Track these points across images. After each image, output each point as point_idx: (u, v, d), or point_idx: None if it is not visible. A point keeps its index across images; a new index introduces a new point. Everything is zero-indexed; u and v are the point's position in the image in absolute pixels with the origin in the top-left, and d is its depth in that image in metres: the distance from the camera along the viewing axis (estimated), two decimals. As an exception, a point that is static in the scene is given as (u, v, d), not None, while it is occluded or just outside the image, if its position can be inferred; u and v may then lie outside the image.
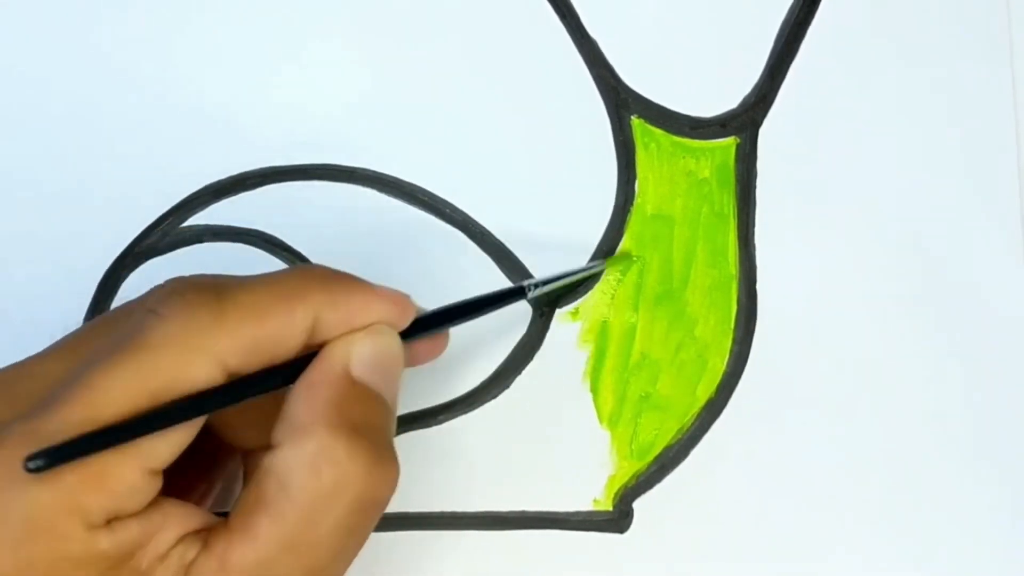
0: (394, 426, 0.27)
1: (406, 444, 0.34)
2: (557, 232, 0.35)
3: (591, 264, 0.34)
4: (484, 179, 0.35)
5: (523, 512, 0.34)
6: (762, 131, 0.35)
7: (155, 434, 0.24)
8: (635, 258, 0.34)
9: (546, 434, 0.34)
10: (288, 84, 0.35)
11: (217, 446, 0.28)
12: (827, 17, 0.35)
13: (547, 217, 0.35)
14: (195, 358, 0.24)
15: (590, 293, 0.35)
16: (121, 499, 0.24)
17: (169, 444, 0.24)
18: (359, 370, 0.26)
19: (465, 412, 0.34)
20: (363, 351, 0.26)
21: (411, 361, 0.29)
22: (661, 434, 0.34)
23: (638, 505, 0.34)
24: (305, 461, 0.24)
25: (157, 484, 0.24)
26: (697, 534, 0.34)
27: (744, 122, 0.35)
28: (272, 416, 0.26)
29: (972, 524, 0.34)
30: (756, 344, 0.34)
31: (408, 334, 0.28)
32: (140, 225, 0.35)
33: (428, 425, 0.34)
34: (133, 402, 0.23)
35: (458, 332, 0.34)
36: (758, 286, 0.35)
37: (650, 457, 0.34)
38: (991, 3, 0.35)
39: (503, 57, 0.35)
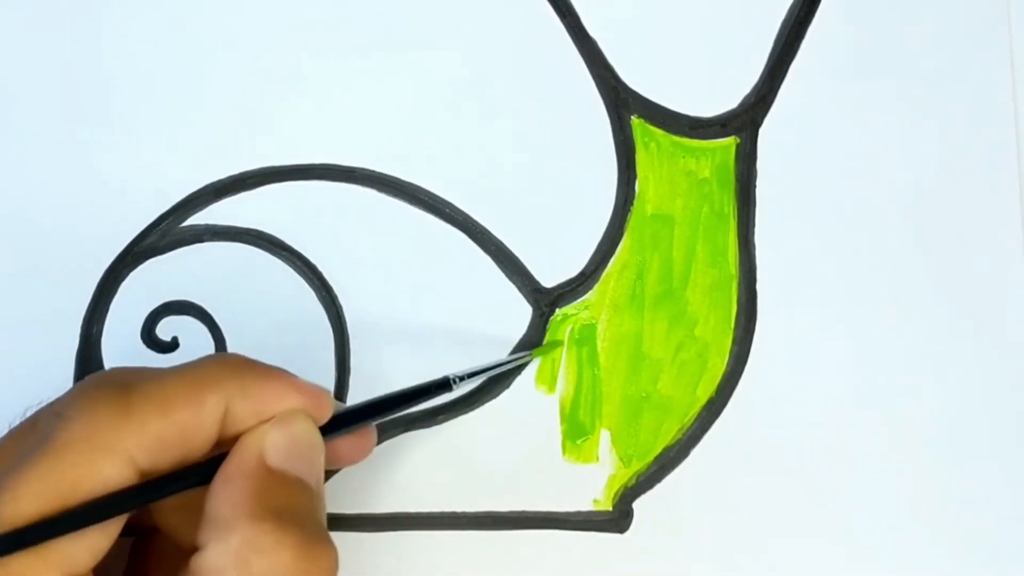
0: (323, 511, 0.26)
1: (406, 444, 0.34)
2: (557, 232, 0.35)
3: (519, 355, 0.34)
4: (484, 179, 0.35)
5: (523, 512, 0.34)
6: (762, 131, 0.35)
7: (69, 537, 0.23)
8: (561, 341, 0.34)
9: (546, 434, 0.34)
10: (288, 84, 0.35)
11: (168, 548, 0.28)
12: (827, 17, 0.35)
13: (547, 217, 0.35)
14: (101, 457, 0.24)
15: (590, 293, 0.35)
16: None
17: (87, 548, 0.24)
18: (275, 458, 0.26)
19: (465, 412, 0.34)
20: (277, 438, 0.26)
21: (335, 460, 0.29)
22: (661, 434, 0.34)
23: (638, 505, 0.34)
24: (231, 557, 0.24)
25: None
26: (697, 534, 0.34)
27: (744, 122, 0.35)
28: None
29: (973, 524, 0.34)
30: (756, 344, 0.34)
31: (328, 430, 0.27)
32: (140, 225, 0.35)
33: (428, 425, 0.34)
34: (42, 506, 0.23)
35: (458, 332, 0.34)
36: (758, 286, 0.35)
37: (650, 457, 0.34)
38: (991, 3, 0.35)
39: (503, 57, 0.35)
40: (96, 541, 0.24)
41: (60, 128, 0.35)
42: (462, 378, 0.31)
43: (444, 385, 0.30)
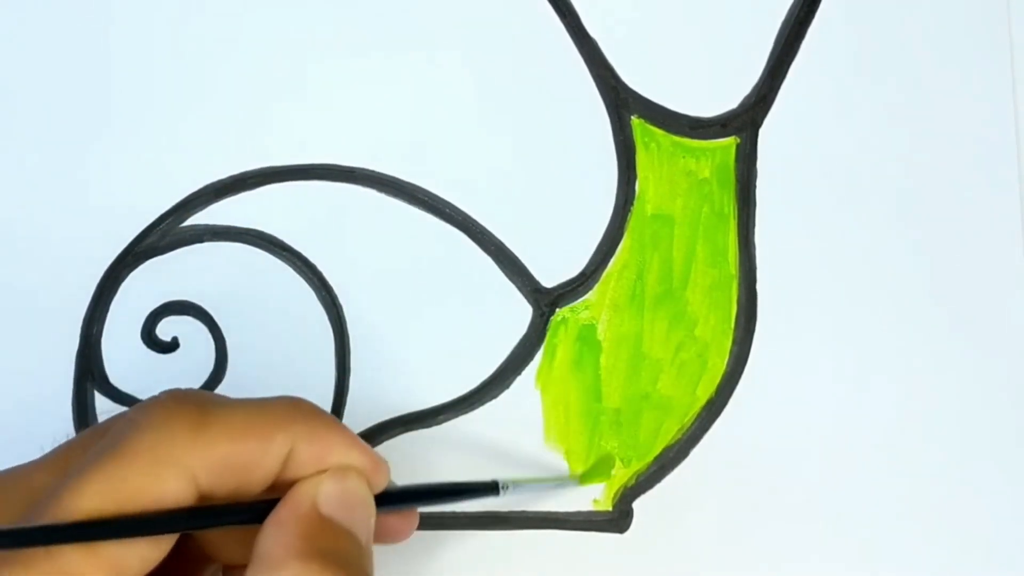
0: (370, 566, 0.27)
1: (406, 444, 0.34)
2: (557, 232, 0.35)
3: (568, 478, 0.34)
4: (484, 179, 0.35)
5: (523, 512, 0.34)
6: (762, 131, 0.35)
7: (122, 542, 0.24)
8: (613, 472, 0.34)
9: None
10: (288, 84, 0.35)
11: (201, 557, 0.28)
12: (827, 17, 0.35)
13: (547, 217, 0.35)
14: (165, 470, 0.24)
15: (590, 293, 0.35)
16: None
17: (139, 557, 0.24)
18: (327, 507, 0.26)
19: (465, 412, 0.34)
20: (331, 489, 0.26)
21: (380, 536, 0.29)
22: (661, 434, 0.34)
23: (638, 505, 0.34)
24: None
25: None
26: (697, 534, 0.34)
27: (744, 122, 0.35)
28: (252, 533, 0.26)
29: (973, 523, 0.34)
30: (756, 344, 0.34)
31: (381, 503, 0.28)
32: (140, 225, 0.35)
33: (428, 425, 0.34)
34: (101, 505, 0.24)
35: (458, 332, 0.34)
36: (758, 286, 0.35)
37: (650, 457, 0.34)
38: (991, 3, 0.35)
39: (503, 57, 0.35)
40: (148, 552, 0.25)
41: (60, 128, 0.35)
42: (508, 487, 0.31)
43: (492, 488, 0.31)
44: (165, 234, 0.35)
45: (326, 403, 0.34)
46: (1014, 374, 0.34)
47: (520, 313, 0.35)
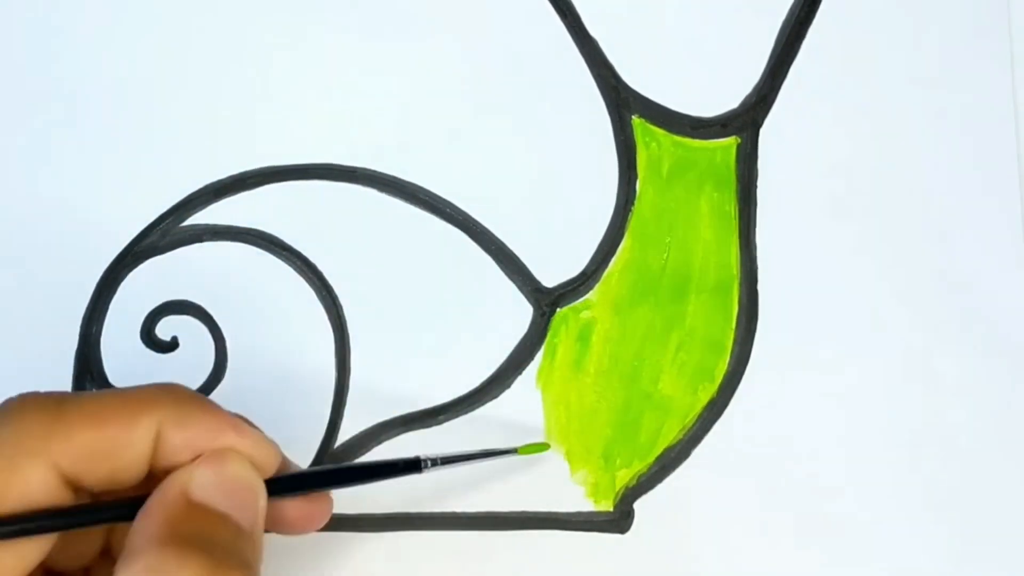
0: (252, 552, 0.26)
1: (406, 444, 0.34)
2: (558, 232, 0.35)
3: (499, 449, 0.32)
4: (485, 179, 0.35)
5: (523, 512, 0.34)
6: (763, 131, 0.35)
7: None
8: (546, 446, 0.33)
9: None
10: (288, 84, 0.35)
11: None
12: (827, 17, 0.35)
13: (548, 217, 0.35)
14: (24, 462, 0.24)
15: (591, 292, 0.34)
16: None
17: (17, 557, 0.24)
18: (200, 493, 0.25)
19: (465, 412, 0.34)
20: (205, 474, 0.26)
21: (285, 525, 0.28)
22: (662, 434, 0.34)
23: (639, 505, 0.34)
24: None
25: None
26: (698, 535, 0.34)
27: (745, 122, 0.35)
28: None
29: (974, 524, 0.34)
30: (757, 344, 0.34)
31: (280, 490, 0.27)
32: (140, 225, 0.35)
33: (428, 425, 0.34)
34: None
35: (458, 332, 0.34)
36: (759, 286, 0.35)
37: (651, 457, 0.34)
38: (991, 3, 0.35)
39: (504, 57, 0.35)
40: (26, 552, 0.24)
41: (60, 127, 0.35)
42: (435, 462, 0.30)
43: (414, 465, 0.29)
44: (165, 234, 0.35)
45: (326, 403, 0.34)
46: (1015, 374, 0.34)
47: (520, 313, 0.34)
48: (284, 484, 0.27)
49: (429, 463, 0.29)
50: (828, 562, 0.34)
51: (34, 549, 0.25)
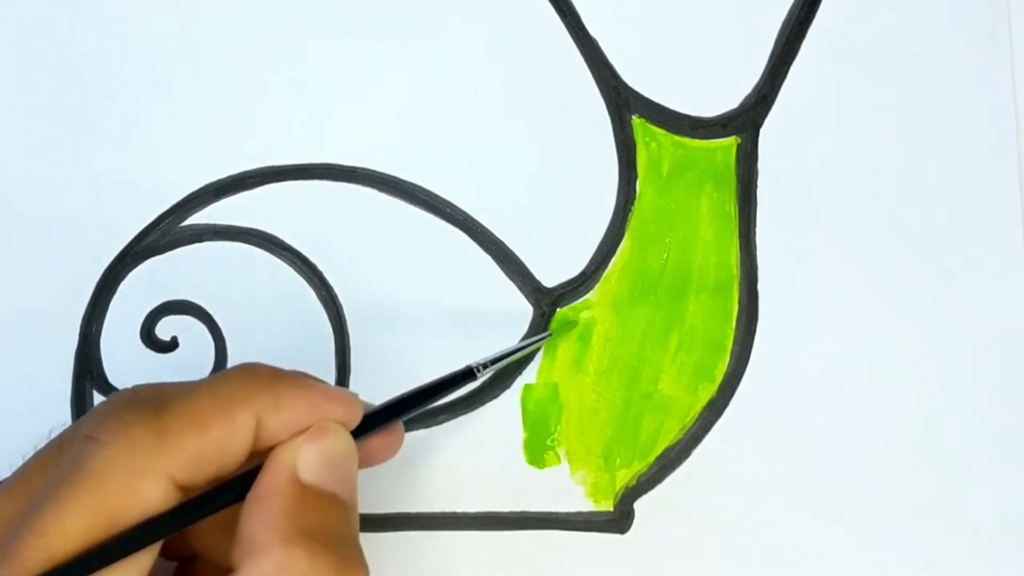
0: (356, 525, 0.26)
1: (407, 444, 0.34)
2: (558, 232, 0.35)
3: (539, 336, 0.33)
4: (485, 179, 0.35)
5: (523, 512, 0.34)
6: (763, 131, 0.35)
7: (116, 565, 0.23)
8: (579, 320, 0.34)
9: (547, 434, 0.34)
10: (289, 84, 0.35)
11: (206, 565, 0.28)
12: (827, 17, 0.35)
13: (548, 217, 0.35)
14: (142, 480, 0.24)
15: (591, 292, 0.34)
16: None
17: (132, 571, 0.24)
18: (308, 474, 0.25)
19: (465, 412, 0.34)
20: (310, 453, 0.26)
21: (366, 461, 0.28)
22: (662, 434, 0.34)
23: (639, 505, 0.34)
24: None
25: None
26: (698, 535, 0.34)
27: (745, 122, 0.35)
28: (233, 518, 0.25)
29: (974, 524, 0.34)
30: (757, 344, 0.34)
31: (359, 432, 0.27)
32: (140, 224, 0.35)
33: (428, 425, 0.34)
34: (88, 535, 0.23)
35: (458, 332, 0.34)
36: (759, 286, 0.35)
37: (651, 457, 0.34)
38: (991, 3, 0.35)
39: (504, 57, 0.35)
40: (140, 564, 0.24)
41: (60, 127, 0.35)
42: (485, 366, 0.31)
43: (468, 375, 0.31)
44: (165, 233, 0.35)
45: (326, 403, 0.34)
46: (1015, 373, 0.34)
47: (521, 313, 0.34)
48: (364, 426, 0.28)
49: (480, 368, 0.31)
50: (828, 561, 0.34)
51: (145, 560, 0.24)
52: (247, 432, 0.25)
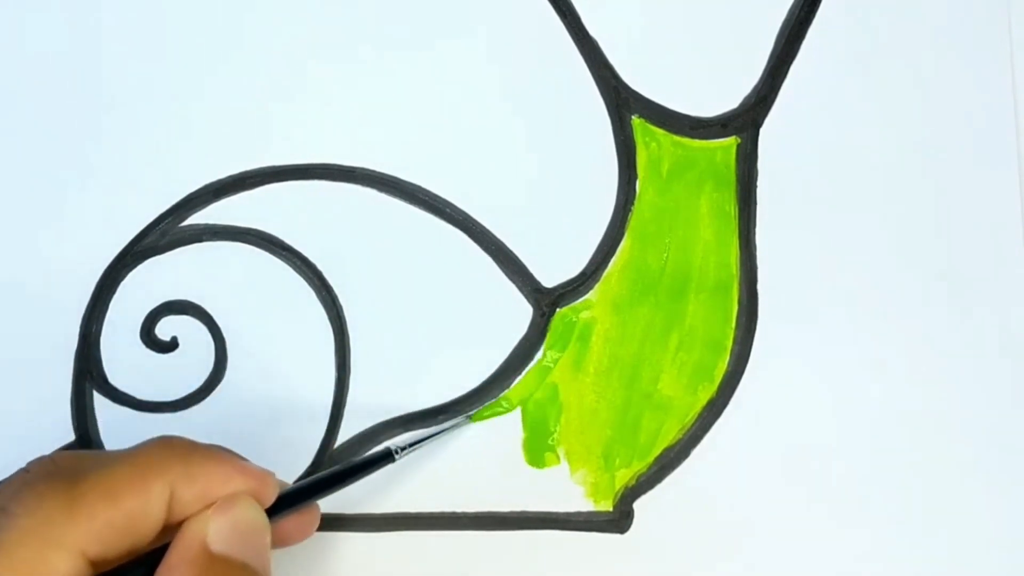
0: None
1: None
2: (558, 232, 0.35)
3: (457, 419, 0.34)
4: (485, 179, 0.35)
5: (523, 512, 0.34)
6: (763, 131, 0.35)
7: None
8: (505, 405, 0.34)
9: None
10: (289, 84, 0.35)
11: None
12: (827, 17, 0.35)
13: (548, 217, 0.35)
14: (52, 553, 0.24)
15: (591, 292, 0.34)
16: None
17: None
18: (218, 544, 0.26)
19: (465, 412, 0.34)
20: (220, 524, 0.26)
21: (280, 541, 0.29)
22: (662, 434, 0.34)
23: (639, 505, 0.34)
24: None
25: None
26: (698, 534, 0.34)
27: (745, 122, 0.35)
28: None
29: (974, 524, 0.34)
30: (757, 344, 0.34)
31: (275, 510, 0.28)
32: (139, 224, 0.35)
33: (428, 425, 0.34)
34: None
35: (458, 332, 0.34)
36: (759, 286, 0.35)
37: (651, 457, 0.34)
38: (991, 3, 0.35)
39: (504, 57, 0.35)
40: None
41: (60, 127, 0.35)
42: (403, 448, 0.31)
43: (387, 456, 0.31)
44: (164, 233, 0.35)
45: (326, 403, 0.34)
46: (1015, 373, 0.34)
47: (520, 313, 0.34)
48: (279, 505, 0.28)
49: (399, 451, 0.31)
50: (828, 561, 0.34)
51: None
52: (161, 503, 0.26)
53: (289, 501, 0.29)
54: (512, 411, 0.34)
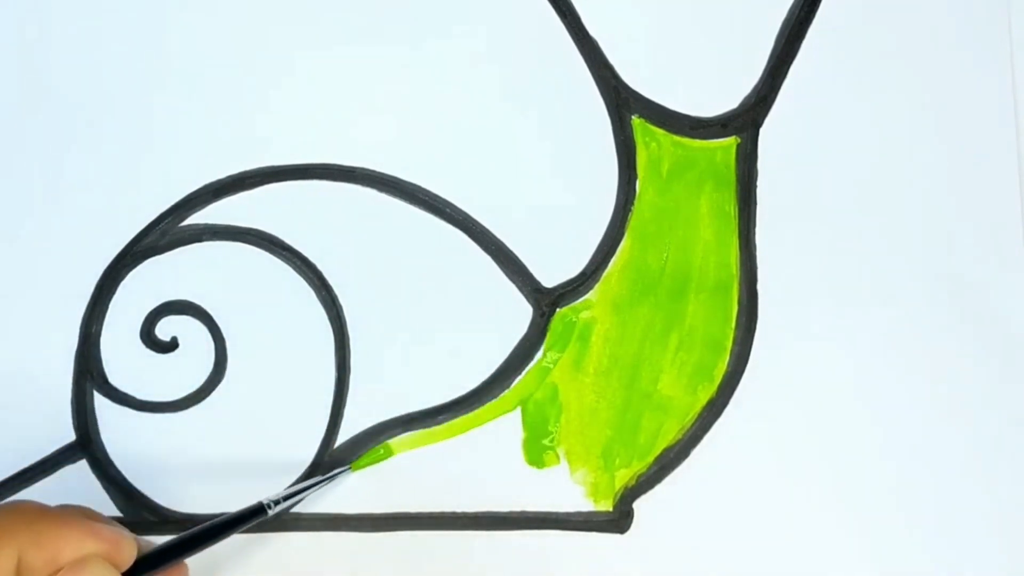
0: None
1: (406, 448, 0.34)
2: (558, 232, 0.35)
3: (337, 471, 0.33)
4: (485, 179, 0.35)
5: (523, 512, 0.34)
6: (762, 131, 0.35)
7: None
8: (382, 452, 0.34)
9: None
10: (289, 84, 0.35)
11: None
12: (827, 17, 0.35)
13: (548, 217, 0.35)
14: None
15: (591, 292, 0.34)
16: None
17: None
18: None
19: (465, 412, 0.34)
20: None
21: None
22: (662, 434, 0.34)
23: (638, 505, 0.34)
24: None
25: None
26: (697, 534, 0.34)
27: (745, 122, 0.35)
28: None
29: (974, 523, 0.34)
30: (757, 344, 0.34)
31: (141, 569, 0.28)
32: (139, 224, 0.35)
33: (428, 425, 0.34)
34: None
35: (458, 332, 0.34)
36: (759, 286, 0.35)
37: (651, 457, 0.34)
38: (991, 3, 0.35)
39: (504, 57, 0.35)
40: None
41: (60, 127, 0.35)
42: (277, 502, 0.31)
43: (259, 511, 0.30)
44: (164, 233, 0.35)
45: (326, 403, 0.34)
46: (1015, 373, 0.34)
47: (520, 313, 0.34)
48: (141, 566, 0.28)
49: (272, 504, 0.31)
50: (828, 561, 0.34)
51: None
52: (8, 569, 0.26)
53: (152, 562, 0.28)
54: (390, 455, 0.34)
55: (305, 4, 0.35)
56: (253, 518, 0.30)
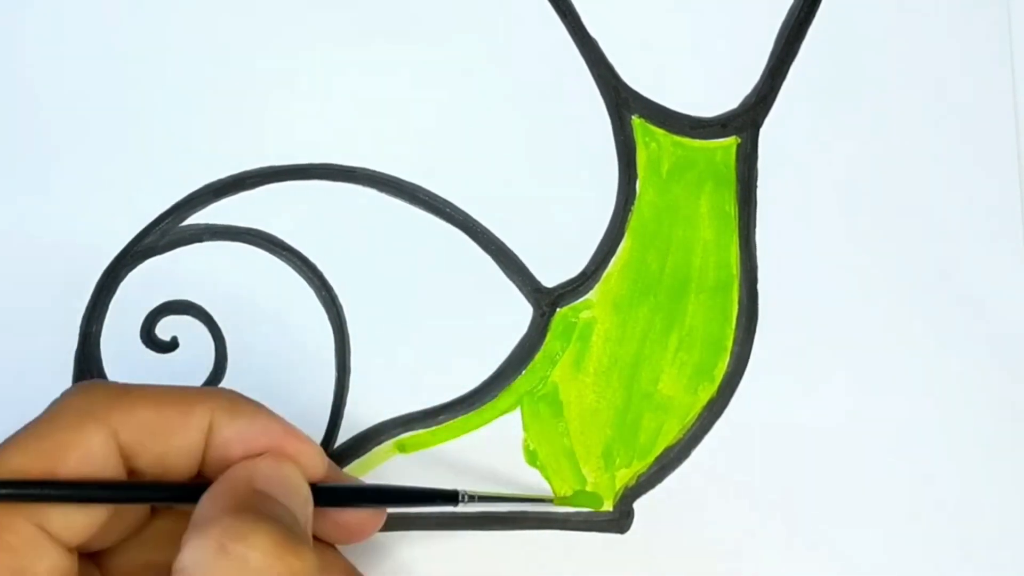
0: (308, 534, 0.27)
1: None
2: (558, 232, 0.35)
3: (540, 496, 0.33)
4: (485, 179, 0.35)
5: (523, 512, 0.34)
6: (763, 131, 0.35)
7: (50, 506, 0.25)
8: (594, 495, 0.33)
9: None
10: (289, 84, 0.35)
11: None
12: (827, 17, 0.35)
13: (548, 217, 0.35)
14: (87, 424, 0.26)
15: (591, 292, 0.34)
16: (21, 556, 0.24)
17: (67, 519, 0.25)
18: (263, 483, 0.26)
19: (465, 412, 0.34)
20: (267, 470, 0.27)
21: (337, 535, 0.29)
22: (662, 434, 0.34)
23: (639, 505, 0.34)
24: (211, 545, 0.24)
25: (67, 559, 0.25)
26: (698, 535, 0.34)
27: (745, 122, 0.35)
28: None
29: (974, 525, 0.34)
30: (757, 344, 0.34)
31: (326, 502, 0.28)
32: (139, 224, 0.35)
33: (428, 425, 0.34)
34: (27, 463, 0.25)
35: (458, 332, 0.34)
36: (759, 286, 0.35)
37: (651, 457, 0.34)
38: (991, 3, 0.35)
39: (504, 57, 0.35)
40: (81, 519, 0.26)
41: (59, 127, 0.35)
42: (471, 497, 0.31)
43: (451, 498, 0.31)
44: (164, 233, 0.35)
45: (326, 403, 0.34)
46: (1015, 373, 0.34)
47: (520, 313, 0.34)
48: (330, 495, 0.28)
49: (466, 498, 0.31)
50: (828, 562, 0.34)
51: (86, 519, 0.26)
52: (199, 426, 0.27)
53: (340, 496, 0.29)
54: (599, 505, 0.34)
55: (306, 4, 0.35)
56: (444, 502, 0.31)
